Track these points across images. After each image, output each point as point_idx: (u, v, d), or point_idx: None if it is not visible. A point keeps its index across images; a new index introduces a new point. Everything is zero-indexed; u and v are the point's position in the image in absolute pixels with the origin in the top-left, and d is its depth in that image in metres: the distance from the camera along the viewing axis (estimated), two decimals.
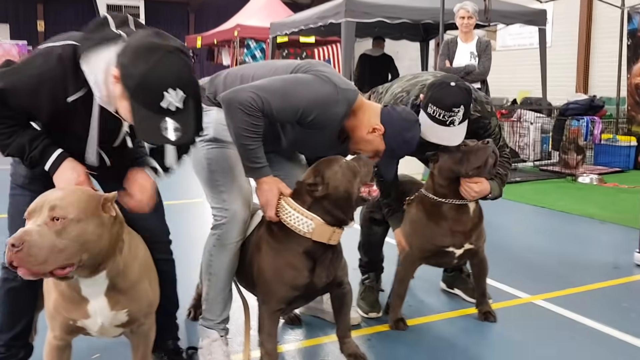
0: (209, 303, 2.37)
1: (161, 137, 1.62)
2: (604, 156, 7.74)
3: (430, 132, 2.43)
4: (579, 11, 13.57)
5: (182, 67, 1.63)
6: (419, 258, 2.71)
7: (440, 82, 2.44)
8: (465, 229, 2.62)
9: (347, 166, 2.18)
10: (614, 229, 4.67)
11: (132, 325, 1.90)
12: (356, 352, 2.41)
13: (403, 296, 2.77)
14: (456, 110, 2.37)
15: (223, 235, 2.28)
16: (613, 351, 2.53)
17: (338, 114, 2.24)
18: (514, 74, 14.41)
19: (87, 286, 1.71)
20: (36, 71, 1.73)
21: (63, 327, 1.79)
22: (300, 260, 2.15)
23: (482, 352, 2.52)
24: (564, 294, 3.20)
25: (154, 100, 1.59)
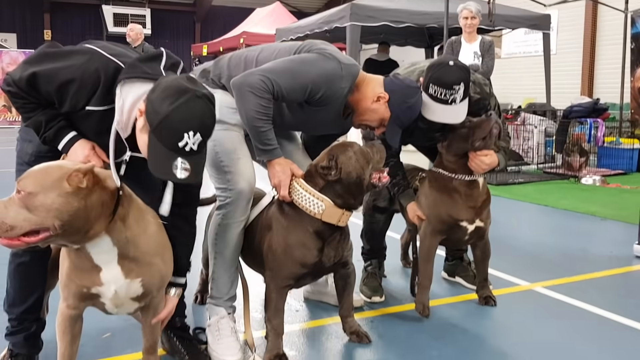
0: (215, 282, 2.44)
1: (170, 174, 1.71)
2: (607, 159, 7.79)
3: (434, 112, 2.50)
4: (583, 18, 13.65)
5: (207, 113, 1.72)
6: (438, 231, 2.73)
7: (438, 63, 2.52)
8: (476, 205, 2.68)
9: (361, 152, 2.25)
10: (614, 225, 4.72)
11: (146, 298, 1.96)
12: (358, 331, 2.48)
13: (431, 275, 2.76)
14: (456, 87, 2.45)
15: (228, 214, 2.35)
16: (611, 332, 2.59)
17: (343, 88, 2.33)
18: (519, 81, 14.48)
19: (96, 254, 1.78)
20: (72, 71, 1.83)
21: (77, 295, 1.85)
22: (310, 240, 2.23)
23: (482, 333, 2.58)
24: (563, 282, 3.26)
25: (173, 139, 1.68)
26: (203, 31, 23.15)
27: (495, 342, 2.49)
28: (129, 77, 1.81)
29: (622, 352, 2.39)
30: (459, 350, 2.40)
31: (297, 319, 2.75)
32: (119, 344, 2.46)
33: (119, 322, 2.67)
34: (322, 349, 2.43)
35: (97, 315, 2.63)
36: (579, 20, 13.70)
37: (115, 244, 1.79)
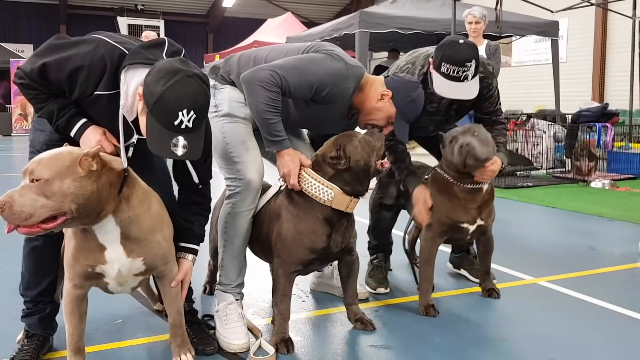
0: (224, 269, 2.51)
1: (169, 151, 1.80)
2: (617, 163, 7.78)
3: (448, 90, 2.58)
4: (593, 25, 13.66)
5: (199, 91, 1.81)
6: (438, 233, 2.77)
7: (449, 42, 2.59)
8: (477, 206, 2.72)
9: (365, 140, 2.35)
10: (622, 225, 4.73)
11: (150, 273, 2.06)
12: (362, 318, 2.54)
13: (431, 279, 2.79)
14: (468, 65, 2.52)
15: (237, 203, 2.43)
16: (616, 324, 2.62)
17: (349, 89, 2.42)
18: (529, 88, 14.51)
19: (101, 234, 1.87)
20: (81, 58, 1.92)
21: (81, 274, 1.92)
22: (320, 226, 2.31)
23: (485, 323, 2.62)
24: (568, 277, 3.29)
25: (169, 118, 1.77)
26: (215, 41, 23.45)
27: (497, 331, 2.53)
28: (132, 62, 1.91)
29: (628, 343, 2.41)
30: (461, 338, 2.44)
31: (304, 307, 2.81)
32: (130, 329, 2.53)
33: (130, 309, 2.76)
34: (327, 335, 2.49)
35: (109, 304, 2.75)
36: (589, 27, 13.73)
37: (118, 223, 1.88)
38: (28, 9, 21.09)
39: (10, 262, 3.46)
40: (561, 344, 2.38)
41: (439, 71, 2.57)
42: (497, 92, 2.87)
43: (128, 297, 2.86)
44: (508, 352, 2.31)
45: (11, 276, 3.14)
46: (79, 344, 1.98)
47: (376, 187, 3.13)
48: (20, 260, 2.23)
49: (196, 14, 23.51)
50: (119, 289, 2.05)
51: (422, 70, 2.75)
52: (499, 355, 2.28)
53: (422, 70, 2.75)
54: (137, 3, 22.13)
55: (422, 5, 9.03)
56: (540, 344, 2.39)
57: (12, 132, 16.26)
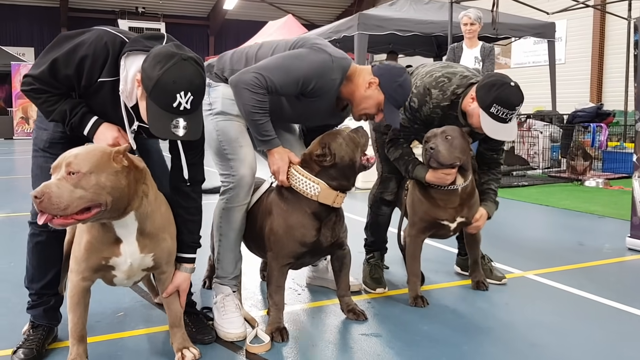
0: (220, 262, 2.62)
1: (170, 132, 1.91)
2: (611, 163, 7.89)
3: (494, 131, 2.62)
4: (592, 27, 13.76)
5: (194, 73, 1.91)
6: (421, 230, 2.87)
7: (501, 83, 2.60)
8: (455, 205, 2.82)
9: (349, 138, 2.46)
10: (612, 222, 4.84)
11: (155, 270, 2.16)
12: (354, 309, 2.65)
13: (418, 273, 2.89)
14: (517, 108, 2.59)
15: (231, 198, 2.55)
16: (598, 313, 2.73)
17: (335, 80, 2.51)
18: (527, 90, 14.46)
19: (119, 227, 1.98)
20: (85, 48, 2.03)
21: (93, 267, 2.03)
22: (308, 220, 2.42)
23: (471, 312, 2.72)
24: (556, 270, 3.39)
25: (167, 100, 1.87)
26: (217, 44, 23.58)
27: (484, 320, 2.63)
28: (132, 49, 2.01)
29: (609, 330, 2.52)
30: (448, 327, 2.55)
31: (299, 300, 2.92)
32: (132, 321, 2.64)
33: (131, 302, 2.86)
34: (321, 325, 2.59)
35: (113, 297, 2.86)
36: (588, 29, 13.84)
37: (137, 218, 1.99)
38: (29, 12, 21.24)
39: (14, 260, 3.58)
40: (544, 331, 2.49)
41: (488, 111, 2.58)
42: None
43: (129, 291, 2.97)
44: (493, 338, 2.42)
45: (15, 273, 3.27)
46: (82, 332, 2.08)
47: (377, 182, 3.21)
48: (23, 257, 2.33)
49: (197, 17, 23.65)
50: (124, 282, 2.15)
51: (456, 90, 2.73)
52: (485, 341, 2.39)
53: (456, 90, 2.73)
54: (138, 5, 22.29)
55: (421, 8, 9.16)
56: (524, 331, 2.49)
57: (13, 136, 16.39)
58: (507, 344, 2.36)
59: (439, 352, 2.28)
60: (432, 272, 3.36)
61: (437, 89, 2.74)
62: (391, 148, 2.95)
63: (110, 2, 21.83)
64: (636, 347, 2.34)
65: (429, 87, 2.76)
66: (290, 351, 2.31)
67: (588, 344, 2.36)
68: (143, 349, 2.33)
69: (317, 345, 2.37)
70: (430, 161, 2.68)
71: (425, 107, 2.77)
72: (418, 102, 2.77)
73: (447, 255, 3.70)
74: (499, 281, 3.13)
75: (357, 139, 2.47)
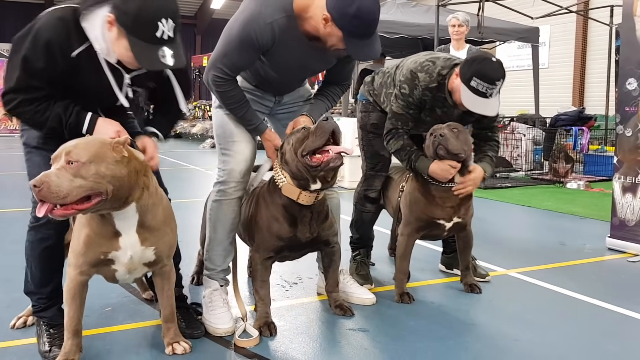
0: (209, 254, 2.65)
1: (161, 63, 1.92)
2: (592, 166, 8.03)
3: (473, 104, 2.64)
4: (574, 32, 13.98)
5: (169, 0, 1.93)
6: (415, 229, 2.90)
7: (482, 58, 2.65)
8: (454, 204, 2.84)
9: (297, 139, 2.36)
10: (593, 223, 4.94)
11: (157, 265, 2.17)
12: (342, 304, 2.69)
13: (406, 271, 2.93)
14: (497, 83, 2.60)
15: (222, 191, 2.60)
16: (576, 309, 2.81)
17: (275, 22, 2.29)
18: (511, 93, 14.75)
19: (120, 220, 1.99)
20: (43, 33, 1.98)
21: (92, 261, 2.03)
22: (281, 213, 2.44)
23: (457, 309, 2.78)
24: (537, 269, 3.47)
25: (150, 32, 1.88)
26: (204, 43, 23.50)
27: (468, 316, 2.69)
28: (86, 8, 1.98)
29: (588, 326, 2.60)
30: (433, 322, 2.60)
31: (287, 296, 2.96)
32: (119, 316, 2.65)
33: (118, 298, 2.88)
34: (308, 320, 2.63)
35: (99, 292, 2.87)
36: (570, 34, 14.05)
37: (138, 210, 2.00)
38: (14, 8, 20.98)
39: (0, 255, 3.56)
40: (527, 327, 2.55)
41: (468, 84, 2.60)
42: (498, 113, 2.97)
43: (117, 287, 2.97)
44: (477, 333, 2.47)
45: (3, 268, 3.25)
46: (77, 327, 2.10)
47: (362, 180, 3.25)
48: (5, 253, 2.30)
49: (184, 15, 23.52)
50: (126, 276, 2.16)
51: (441, 71, 2.77)
52: (469, 337, 2.44)
53: (441, 72, 2.77)
54: None
55: (408, 11, 9.24)
56: (507, 326, 2.55)
57: None
58: (490, 339, 2.42)
59: (425, 346, 2.33)
60: (418, 270, 3.41)
61: (423, 72, 2.79)
62: (391, 140, 2.93)
63: None
64: (615, 342, 2.41)
65: (415, 72, 2.80)
66: (278, 345, 2.35)
67: (569, 340, 2.43)
68: (133, 343, 2.35)
69: (305, 339, 2.40)
70: (439, 148, 2.70)
71: (416, 91, 2.80)
72: (408, 88, 2.81)
73: (432, 253, 3.76)
74: (482, 278, 3.20)
75: (304, 139, 2.33)
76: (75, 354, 2.08)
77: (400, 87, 2.84)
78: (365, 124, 3.18)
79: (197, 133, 15.46)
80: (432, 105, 2.85)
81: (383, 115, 3.06)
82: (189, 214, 4.22)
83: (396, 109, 2.88)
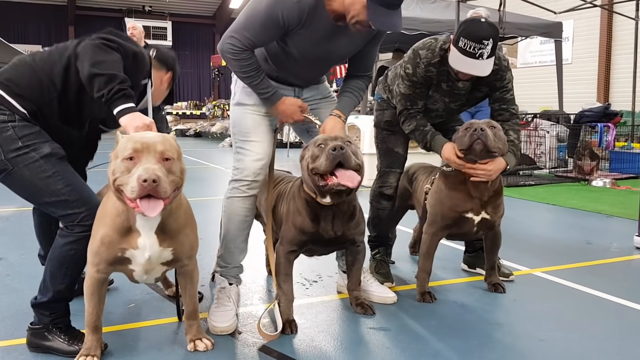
0: (222, 249, 2.66)
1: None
2: (618, 163, 7.89)
3: (460, 64, 2.64)
4: (599, 27, 13.74)
5: None
6: (440, 228, 2.86)
7: (471, 19, 2.68)
8: (482, 197, 2.78)
9: (311, 155, 2.33)
10: (620, 222, 4.84)
11: (175, 264, 2.17)
12: (363, 303, 2.67)
13: (429, 270, 2.89)
14: (485, 42, 2.57)
15: (236, 189, 2.62)
16: (602, 309, 2.74)
17: (305, 2, 2.32)
18: (534, 90, 14.59)
19: (142, 219, 1.99)
20: (123, 62, 2.13)
21: (109, 259, 2.03)
22: (303, 207, 2.44)
23: (480, 309, 2.74)
24: (562, 268, 3.41)
25: None
26: None
27: (491, 316, 2.65)
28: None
29: (614, 326, 2.54)
30: (456, 322, 2.57)
31: (307, 294, 2.94)
32: (143, 312, 2.67)
33: (142, 295, 2.90)
34: (329, 318, 2.61)
35: (123, 289, 2.90)
36: (595, 29, 13.80)
37: (161, 212, 1.98)
38: (37, 11, 21.34)
39: (25, 252, 3.62)
40: (552, 327, 2.50)
41: (457, 45, 2.63)
42: (511, 85, 2.93)
43: (140, 284, 2.99)
44: (501, 334, 2.43)
45: (27, 265, 3.31)
46: (96, 323, 2.11)
47: (377, 177, 3.23)
48: (34, 250, 2.30)
49: (203, 15, 23.71)
50: (144, 277, 2.15)
51: (443, 46, 2.80)
52: (493, 336, 2.40)
53: (443, 46, 2.80)
54: (145, 4, 22.36)
55: (427, 7, 9.16)
56: (532, 326, 2.51)
57: None
58: (515, 339, 2.38)
59: (447, 346, 2.30)
60: (440, 269, 3.38)
61: (424, 49, 2.83)
62: (405, 121, 2.95)
63: (117, 1, 21.91)
64: None
65: (417, 50, 2.85)
66: (299, 343, 2.34)
67: (596, 340, 2.37)
68: (155, 339, 2.36)
69: (326, 338, 2.39)
70: (476, 142, 2.65)
71: (418, 69, 2.83)
72: (412, 67, 2.85)
73: (453, 252, 3.72)
74: (506, 278, 3.15)
75: (317, 158, 2.31)
76: (96, 349, 2.10)
77: (404, 68, 2.88)
78: (379, 122, 3.19)
79: (216, 132, 15.57)
80: (438, 80, 2.87)
81: (396, 112, 3.06)
82: (209, 211, 4.25)
83: (403, 89, 2.91)
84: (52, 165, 2.11)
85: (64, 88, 2.18)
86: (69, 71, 2.17)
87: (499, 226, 2.95)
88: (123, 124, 2.02)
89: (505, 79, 2.89)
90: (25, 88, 2.16)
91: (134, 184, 1.79)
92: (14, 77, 2.18)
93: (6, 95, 2.14)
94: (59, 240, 2.16)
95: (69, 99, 2.21)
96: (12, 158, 2.08)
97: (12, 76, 2.18)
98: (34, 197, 2.15)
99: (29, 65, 2.21)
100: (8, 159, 2.08)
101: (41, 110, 2.17)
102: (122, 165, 1.86)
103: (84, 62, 2.06)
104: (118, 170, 1.87)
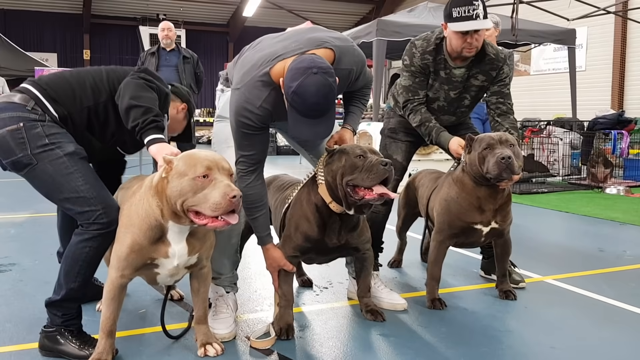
0: (215, 260, 2.58)
1: None
2: (632, 170, 7.81)
3: (463, 26, 2.73)
4: (613, 34, 13.63)
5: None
6: (448, 236, 2.85)
7: None
8: (493, 207, 2.77)
9: (351, 164, 2.31)
10: (633, 229, 4.79)
11: (196, 267, 2.23)
12: (373, 309, 2.67)
13: (438, 277, 2.88)
14: (476, 3, 2.72)
15: None
16: (614, 317, 2.71)
17: (267, 102, 2.28)
18: (548, 97, 14.49)
19: (174, 231, 2.05)
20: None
21: (136, 266, 2.08)
22: (312, 213, 2.43)
23: (491, 316, 2.72)
24: (575, 275, 3.38)
25: None
26: (236, 51, 23.70)
27: (502, 323, 2.63)
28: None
29: (627, 334, 2.51)
30: (466, 329, 2.56)
31: (317, 300, 2.95)
32: (154, 317, 2.69)
33: (151, 300, 2.92)
34: (338, 324, 2.61)
35: (134, 294, 2.91)
36: (609, 36, 13.69)
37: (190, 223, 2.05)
38: (53, 19, 21.60)
39: (38, 258, 3.66)
40: (563, 334, 2.48)
41: (452, 18, 2.75)
42: (508, 80, 2.99)
43: (150, 290, 3.02)
44: (511, 340, 2.42)
45: (40, 270, 3.34)
46: (112, 327, 2.13)
47: None
48: (47, 256, 2.34)
49: (217, 24, 23.87)
50: (167, 279, 2.22)
51: (439, 35, 2.92)
52: (503, 343, 2.39)
53: (439, 36, 2.92)
54: (159, 13, 22.57)
55: (439, 14, 9.14)
56: (543, 334, 2.49)
57: None
58: (526, 347, 2.36)
59: (458, 353, 2.29)
60: (450, 276, 3.37)
61: (420, 39, 2.96)
62: (410, 115, 3.03)
63: (131, 9, 22.13)
64: None
65: (414, 41, 2.98)
66: (309, 349, 2.34)
67: (608, 348, 2.35)
68: (165, 344, 2.37)
69: (335, 344, 2.39)
70: (505, 171, 2.61)
71: (415, 59, 2.94)
72: (408, 58, 2.97)
73: (464, 259, 3.70)
74: (517, 285, 3.13)
75: (360, 169, 2.29)
76: (108, 354, 2.12)
77: (403, 60, 3.00)
78: (384, 129, 3.29)
79: None
80: (435, 68, 2.95)
81: (401, 120, 3.17)
82: None
83: (404, 82, 3.02)
84: (74, 163, 2.18)
85: (96, 102, 2.33)
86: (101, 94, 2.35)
87: (509, 233, 2.94)
88: (152, 152, 2.13)
89: (503, 72, 2.97)
90: (61, 95, 2.29)
91: (219, 200, 1.89)
92: (52, 83, 2.32)
93: (42, 97, 2.25)
94: (75, 238, 2.20)
95: (99, 112, 2.34)
96: (38, 153, 2.15)
97: (51, 82, 2.32)
98: (53, 192, 2.20)
99: (67, 77, 2.37)
100: (34, 154, 2.15)
101: (72, 116, 2.29)
102: (194, 184, 1.92)
103: (124, 95, 2.22)
104: (188, 190, 1.92)
